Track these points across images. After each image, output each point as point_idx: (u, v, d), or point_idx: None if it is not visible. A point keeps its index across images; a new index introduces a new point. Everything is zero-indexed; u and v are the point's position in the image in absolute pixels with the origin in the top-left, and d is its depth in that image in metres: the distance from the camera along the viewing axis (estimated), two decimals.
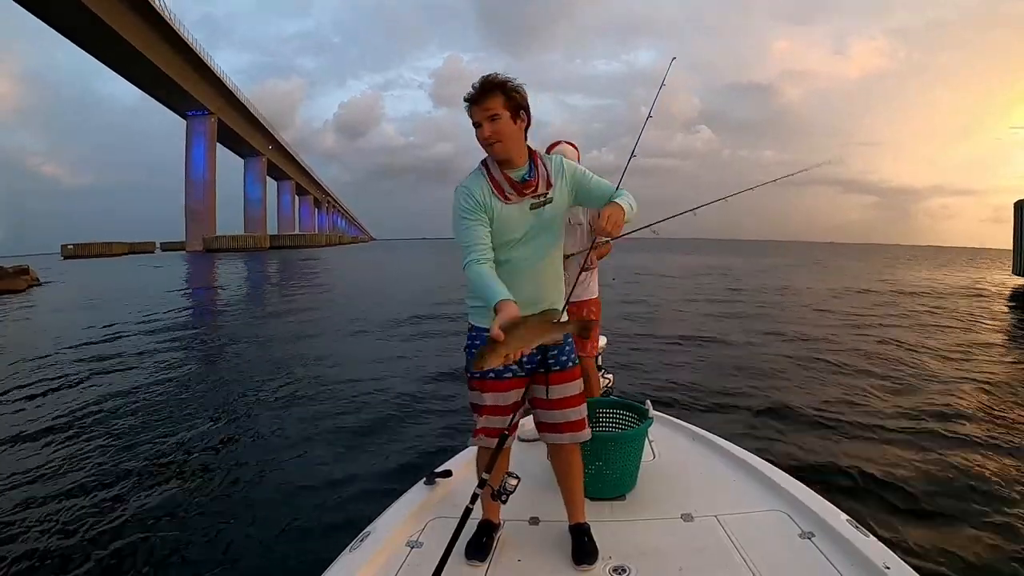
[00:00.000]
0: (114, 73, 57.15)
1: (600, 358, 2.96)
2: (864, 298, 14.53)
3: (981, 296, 15.60)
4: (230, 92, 68.36)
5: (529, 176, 1.65)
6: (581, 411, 1.79)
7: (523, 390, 1.74)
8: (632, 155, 2.29)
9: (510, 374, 1.70)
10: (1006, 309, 13.01)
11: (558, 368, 1.74)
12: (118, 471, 3.74)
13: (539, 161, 1.68)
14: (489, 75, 1.59)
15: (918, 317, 10.81)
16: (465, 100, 1.59)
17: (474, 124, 1.60)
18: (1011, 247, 18.18)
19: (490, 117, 1.58)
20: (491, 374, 1.68)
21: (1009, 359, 7.20)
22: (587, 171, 1.76)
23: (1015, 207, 17.07)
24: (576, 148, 2.67)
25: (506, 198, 1.63)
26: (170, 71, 55.35)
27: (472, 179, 1.66)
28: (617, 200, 1.64)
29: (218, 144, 71.01)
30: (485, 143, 1.61)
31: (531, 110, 1.64)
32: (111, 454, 4.06)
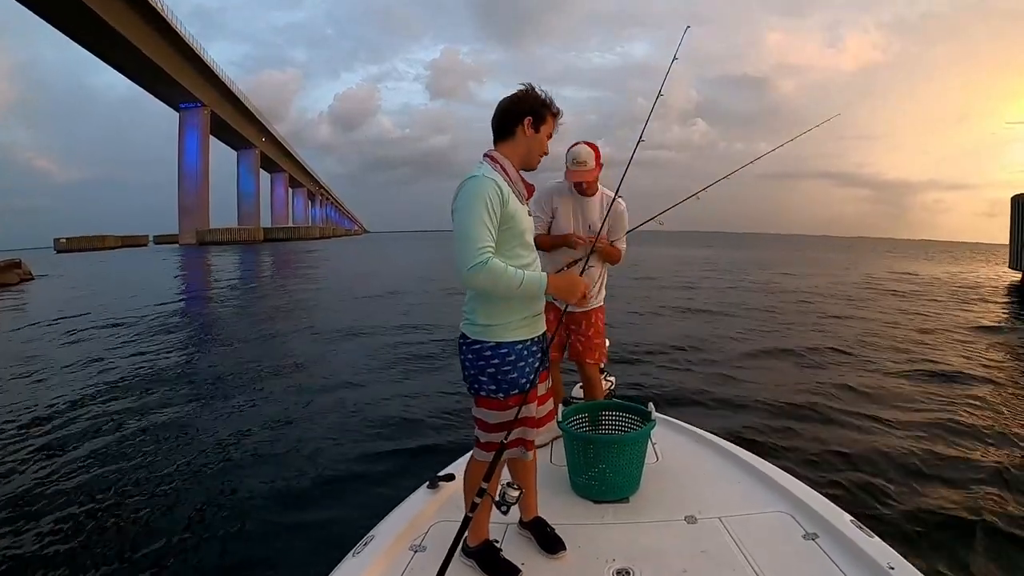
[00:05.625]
0: (106, 65, 56.51)
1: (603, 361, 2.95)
2: (859, 292, 14.59)
3: (991, 290, 15.65)
4: (223, 84, 67.63)
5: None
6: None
7: None
8: (640, 139, 2.30)
9: None
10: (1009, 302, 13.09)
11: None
12: (114, 472, 3.71)
13: None
14: None
15: (921, 312, 10.86)
16: (558, 115, 1.71)
17: (548, 135, 1.72)
18: (1007, 242, 18.26)
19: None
20: (529, 386, 1.66)
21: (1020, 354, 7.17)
22: None
23: (1012, 202, 17.10)
24: (596, 150, 2.54)
25: (519, 197, 1.68)
26: (162, 62, 54.68)
27: (494, 174, 1.59)
28: None
29: (211, 136, 70.37)
30: (543, 154, 1.72)
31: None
32: (104, 455, 4.03)
